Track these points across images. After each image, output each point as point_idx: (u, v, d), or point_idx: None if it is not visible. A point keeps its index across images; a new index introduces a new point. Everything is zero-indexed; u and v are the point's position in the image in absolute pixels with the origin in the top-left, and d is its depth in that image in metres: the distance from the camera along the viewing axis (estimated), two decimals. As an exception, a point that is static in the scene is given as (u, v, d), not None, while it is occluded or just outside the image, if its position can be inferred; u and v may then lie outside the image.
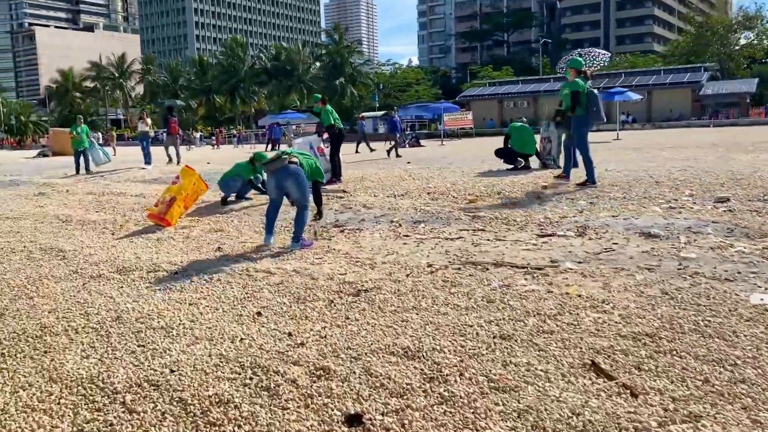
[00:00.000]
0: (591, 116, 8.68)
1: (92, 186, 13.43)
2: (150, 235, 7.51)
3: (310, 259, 5.68)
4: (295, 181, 6.11)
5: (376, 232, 6.55)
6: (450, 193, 8.41)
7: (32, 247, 7.28)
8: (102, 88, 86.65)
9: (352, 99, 69.27)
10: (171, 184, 8.09)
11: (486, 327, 3.70)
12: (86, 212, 9.67)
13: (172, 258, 6.19)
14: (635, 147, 18.11)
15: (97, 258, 6.39)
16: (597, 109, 8.53)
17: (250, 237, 6.96)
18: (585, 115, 8.61)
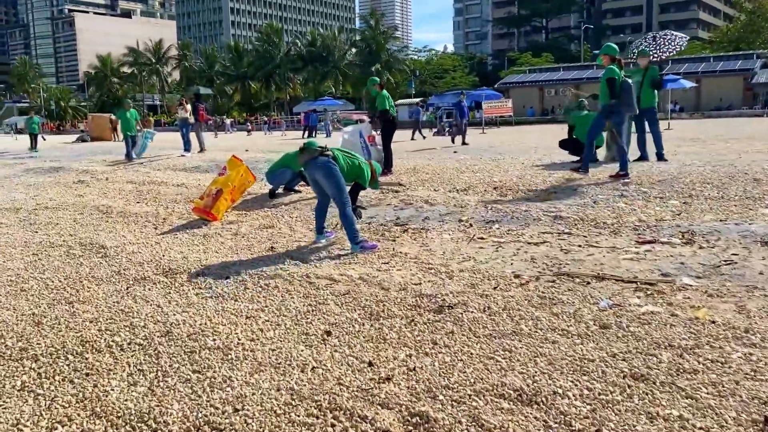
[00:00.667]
0: (624, 107, 8.17)
1: (132, 174, 13.03)
2: (195, 230, 7.00)
3: (375, 265, 5.08)
4: (325, 175, 5.52)
5: (444, 233, 5.91)
6: (519, 187, 7.72)
7: (72, 242, 6.82)
8: (139, 74, 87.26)
9: (389, 86, 68.30)
10: (217, 175, 7.56)
11: (611, 362, 3.04)
12: (127, 203, 9.23)
13: (221, 258, 5.65)
14: (693, 138, 17.07)
15: (140, 257, 5.89)
16: (629, 100, 8.07)
17: (304, 235, 6.38)
18: (617, 104, 8.13)
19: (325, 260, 5.33)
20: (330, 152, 5.67)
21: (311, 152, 5.61)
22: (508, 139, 20.68)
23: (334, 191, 5.52)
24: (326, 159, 5.56)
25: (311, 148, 5.66)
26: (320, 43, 74.00)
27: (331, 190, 5.53)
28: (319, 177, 5.55)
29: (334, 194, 5.53)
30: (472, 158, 12.46)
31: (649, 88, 9.94)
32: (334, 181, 5.50)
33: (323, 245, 5.91)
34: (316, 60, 72.83)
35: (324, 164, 5.52)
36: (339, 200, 5.52)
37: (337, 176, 5.52)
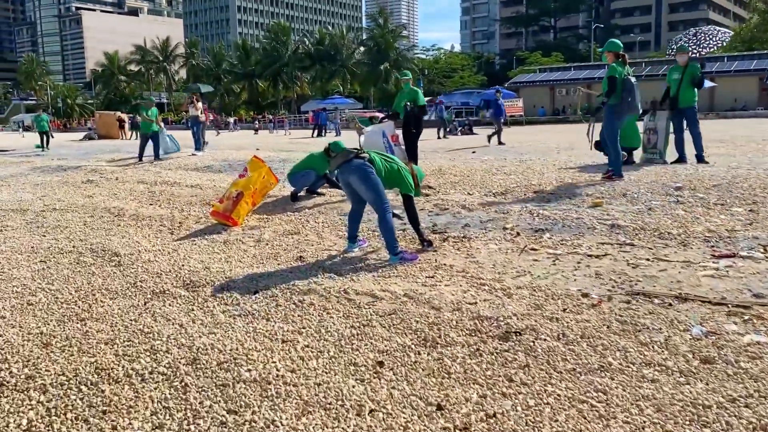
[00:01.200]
0: (624, 107, 7.76)
1: (143, 174, 12.57)
2: (215, 236, 6.51)
3: (419, 279, 4.58)
4: (361, 179, 5.03)
5: (490, 243, 5.41)
6: (561, 192, 7.20)
7: (82, 248, 6.35)
8: (146, 72, 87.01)
9: (397, 85, 67.79)
10: (237, 177, 7.07)
11: (732, 410, 2.54)
12: (139, 205, 8.75)
13: (246, 269, 5.17)
14: (719, 139, 16.50)
15: (157, 266, 5.41)
16: (632, 100, 7.65)
17: (333, 243, 5.89)
18: (618, 104, 7.76)
19: (361, 272, 4.83)
20: (366, 154, 5.18)
21: (345, 154, 5.13)
22: (525, 140, 20.13)
23: (372, 196, 5.02)
24: (362, 161, 5.07)
25: (345, 150, 5.19)
26: (328, 42, 73.53)
27: (368, 195, 5.04)
28: (354, 181, 5.07)
29: (372, 199, 5.04)
30: (496, 159, 11.95)
31: (689, 86, 9.42)
32: (371, 185, 5.00)
33: (356, 254, 5.42)
34: (324, 58, 72.37)
35: (360, 167, 5.03)
36: (378, 206, 5.03)
37: (374, 180, 5.03)
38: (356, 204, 5.38)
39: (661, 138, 9.56)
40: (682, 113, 9.52)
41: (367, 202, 5.24)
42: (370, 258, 5.30)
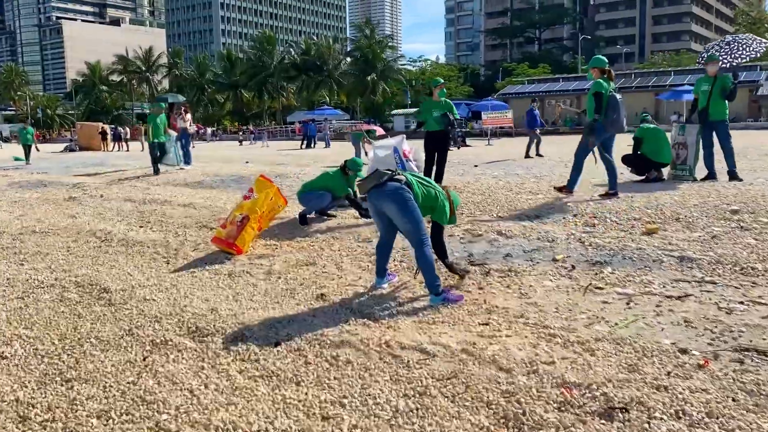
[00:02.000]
0: (608, 124, 7.43)
1: (129, 190, 11.76)
2: (218, 266, 5.76)
3: (471, 326, 3.87)
4: (399, 206, 4.32)
5: (543, 278, 4.71)
6: (602, 214, 6.52)
7: (66, 281, 5.57)
8: (128, 82, 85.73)
9: (384, 95, 67.38)
10: (243, 199, 6.32)
11: None
12: (128, 227, 7.96)
13: (260, 311, 4.42)
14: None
15: (155, 307, 4.64)
16: (617, 117, 7.34)
17: (357, 276, 5.16)
18: (602, 120, 7.46)
19: (399, 317, 4.11)
20: (402, 176, 4.48)
21: (377, 176, 4.42)
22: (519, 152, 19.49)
23: (409, 226, 4.31)
24: (399, 185, 4.37)
25: (378, 171, 4.47)
26: (314, 52, 72.87)
27: (405, 225, 4.33)
28: (388, 208, 4.36)
29: (409, 230, 4.33)
30: (507, 174, 11.31)
31: (720, 98, 8.85)
32: (409, 213, 4.30)
33: (386, 291, 4.70)
34: (310, 69, 71.67)
35: (397, 192, 4.33)
36: (416, 237, 4.32)
37: (413, 207, 4.32)
38: (386, 233, 4.67)
39: (691, 153, 8.97)
40: (712, 127, 8.94)
41: (401, 231, 4.53)
42: (403, 295, 4.59)
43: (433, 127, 9.04)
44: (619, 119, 7.40)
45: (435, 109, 9.05)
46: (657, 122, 9.70)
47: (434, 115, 9.00)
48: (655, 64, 68.07)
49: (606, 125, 7.48)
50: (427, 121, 9.06)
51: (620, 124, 7.44)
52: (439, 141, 9.05)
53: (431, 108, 9.10)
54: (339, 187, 7.28)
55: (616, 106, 7.40)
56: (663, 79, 50.31)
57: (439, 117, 8.92)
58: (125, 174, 15.52)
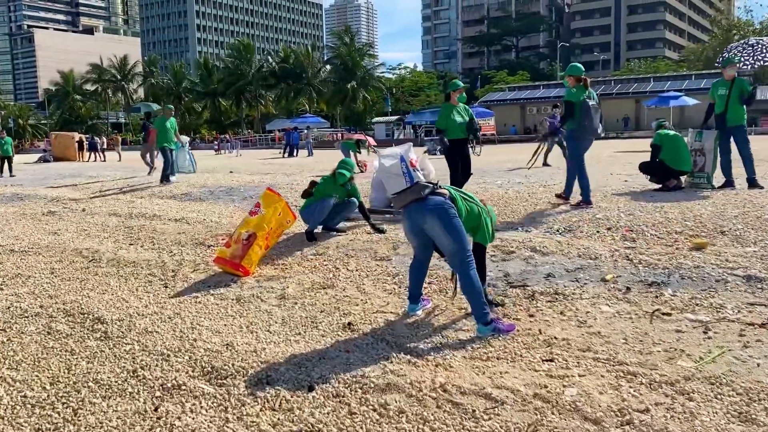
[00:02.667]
0: (581, 131, 7.41)
1: (113, 204, 11.10)
2: (223, 290, 5.19)
3: (534, 362, 3.38)
4: (441, 222, 3.82)
5: (598, 303, 4.23)
6: (643, 228, 6.07)
7: (54, 309, 4.97)
8: (103, 91, 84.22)
9: (365, 103, 66.93)
10: (249, 215, 5.76)
11: None
12: (117, 245, 7.35)
13: (282, 344, 3.89)
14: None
15: (160, 341, 4.08)
16: (589, 123, 7.28)
17: (384, 300, 4.64)
18: (576, 128, 7.43)
19: (446, 351, 3.60)
20: (445, 190, 3.98)
21: (418, 189, 3.91)
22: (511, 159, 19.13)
23: (454, 246, 3.81)
24: (443, 200, 3.87)
25: (419, 184, 3.97)
26: (293, 60, 72.18)
27: (449, 245, 3.82)
28: (431, 225, 3.85)
29: (453, 250, 3.82)
30: (510, 183, 10.87)
31: (738, 103, 8.50)
32: (455, 232, 3.80)
33: (421, 318, 4.19)
34: (289, 77, 70.94)
35: (441, 207, 3.83)
36: (461, 259, 3.82)
37: (459, 225, 3.83)
38: (422, 253, 4.16)
39: (708, 160, 8.61)
40: (730, 132, 8.59)
41: (441, 252, 4.03)
42: (442, 324, 4.08)
43: (456, 134, 8.29)
44: (591, 125, 7.35)
45: (456, 114, 8.28)
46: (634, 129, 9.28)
47: (457, 121, 8.25)
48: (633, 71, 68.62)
49: (581, 132, 7.46)
50: (447, 129, 8.31)
51: (594, 130, 7.37)
52: (462, 149, 8.37)
53: (451, 114, 8.28)
54: (332, 191, 6.74)
55: (588, 112, 7.34)
56: (643, 86, 50.61)
57: (463, 123, 8.26)
58: (105, 186, 14.81)
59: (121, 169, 20.53)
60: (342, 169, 6.84)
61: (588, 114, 7.35)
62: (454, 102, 8.35)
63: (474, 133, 8.46)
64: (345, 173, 6.81)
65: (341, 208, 6.84)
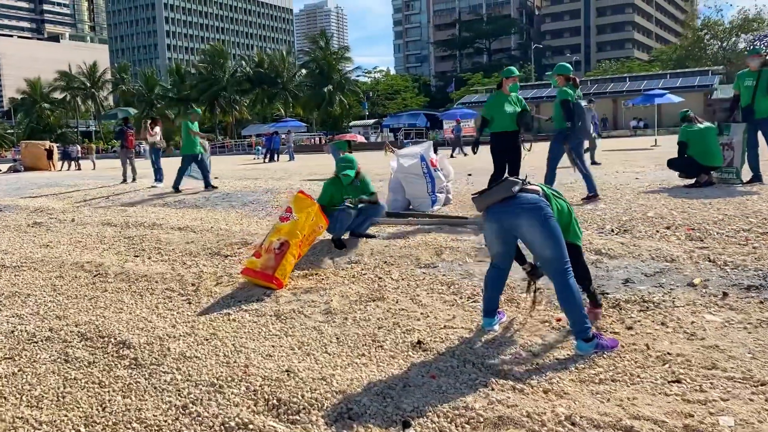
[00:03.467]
0: (576, 131, 7.34)
1: (103, 213, 10.42)
2: (256, 305, 4.65)
3: (656, 383, 2.92)
4: (539, 224, 3.35)
5: (695, 310, 3.79)
6: (705, 226, 5.65)
7: (66, 332, 4.39)
8: (72, 99, 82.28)
9: (342, 107, 66.30)
10: (280, 221, 5.21)
11: None
12: (121, 257, 6.74)
13: (349, 369, 3.38)
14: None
15: (204, 368, 3.53)
16: (582, 123, 7.27)
17: (447, 314, 4.14)
18: (568, 129, 7.35)
19: (548, 373, 3.13)
20: (537, 187, 3.51)
21: (507, 185, 3.43)
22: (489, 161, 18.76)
23: (552, 251, 3.33)
24: (537, 197, 3.40)
25: (509, 180, 3.48)
26: (268, 65, 71.26)
27: (546, 250, 3.35)
28: (526, 228, 3.36)
29: (551, 256, 3.35)
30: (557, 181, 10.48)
31: (766, 94, 8.19)
32: (554, 236, 3.33)
33: (500, 335, 3.71)
34: (264, 81, 69.97)
35: (537, 207, 3.35)
36: (559, 266, 3.35)
37: (556, 227, 3.36)
38: (503, 261, 3.68)
39: (737, 154, 8.29)
40: (757, 125, 8.28)
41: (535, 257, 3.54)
42: (526, 339, 3.60)
43: (505, 126, 7.33)
44: (584, 125, 7.35)
45: (506, 105, 7.35)
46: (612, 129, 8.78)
47: (507, 111, 7.30)
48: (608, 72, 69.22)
49: (573, 132, 7.39)
50: (494, 120, 7.37)
51: (586, 130, 7.43)
52: (511, 143, 7.40)
53: (502, 104, 7.34)
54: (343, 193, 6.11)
55: (582, 113, 7.32)
56: (620, 85, 50.95)
57: (514, 114, 7.32)
58: (89, 194, 14.06)
59: (99, 178, 19.68)
60: (345, 170, 6.18)
61: (581, 115, 7.26)
62: (506, 91, 7.45)
63: (526, 127, 7.55)
64: (349, 173, 6.15)
65: (370, 212, 6.30)
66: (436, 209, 7.78)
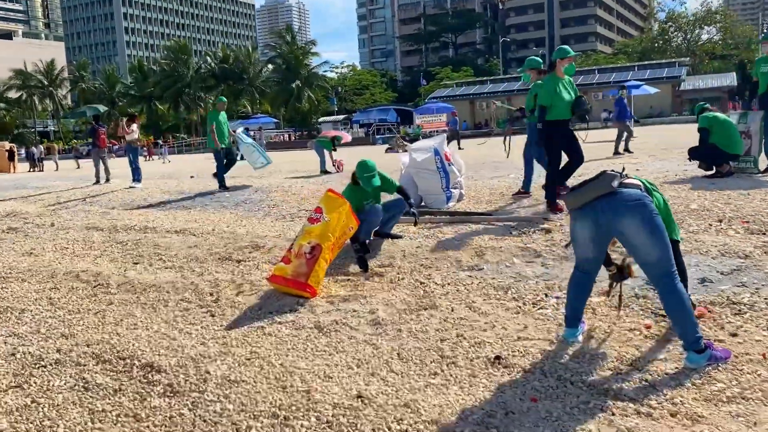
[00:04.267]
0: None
1: (85, 216, 9.75)
2: (291, 317, 4.18)
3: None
4: (645, 223, 2.96)
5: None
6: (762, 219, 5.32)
7: (77, 354, 3.87)
8: (29, 98, 79.55)
9: (310, 103, 65.43)
10: (309, 222, 4.73)
11: None
12: (119, 265, 6.17)
13: (429, 393, 2.95)
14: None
15: (258, 395, 3.07)
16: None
17: (517, 323, 3.73)
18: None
19: (666, 392, 2.75)
20: (638, 181, 3.12)
21: (608, 180, 3.02)
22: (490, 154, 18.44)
23: (658, 253, 2.95)
24: (640, 193, 3.01)
25: (608, 174, 3.08)
26: (233, 60, 69.93)
27: (651, 252, 2.95)
28: (630, 228, 2.95)
29: (657, 258, 2.96)
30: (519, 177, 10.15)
31: (782, 81, 7.98)
32: (660, 235, 2.95)
33: (585, 346, 3.32)
34: (229, 78, 68.69)
35: (642, 204, 2.96)
36: (665, 269, 2.97)
37: (662, 226, 2.98)
38: (593, 265, 3.28)
39: (755, 143, 8.07)
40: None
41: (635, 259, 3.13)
42: (618, 350, 3.22)
43: (562, 114, 6.42)
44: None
45: (563, 90, 6.39)
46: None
47: (565, 98, 6.37)
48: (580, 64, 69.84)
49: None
50: (553, 107, 6.38)
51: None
52: (567, 132, 6.54)
53: (558, 89, 6.34)
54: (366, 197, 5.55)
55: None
56: (590, 78, 51.32)
57: (570, 101, 6.41)
58: (61, 196, 13.29)
59: (67, 179, 18.75)
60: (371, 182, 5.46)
61: None
62: (560, 74, 6.48)
63: (584, 115, 6.86)
64: (375, 183, 5.48)
65: (393, 210, 5.81)
66: (451, 206, 7.38)
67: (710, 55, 66.03)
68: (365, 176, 5.46)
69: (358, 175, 5.51)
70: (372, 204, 5.58)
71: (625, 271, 3.56)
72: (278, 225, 7.50)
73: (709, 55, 65.89)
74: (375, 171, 5.55)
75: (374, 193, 5.67)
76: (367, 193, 5.59)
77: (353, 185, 5.60)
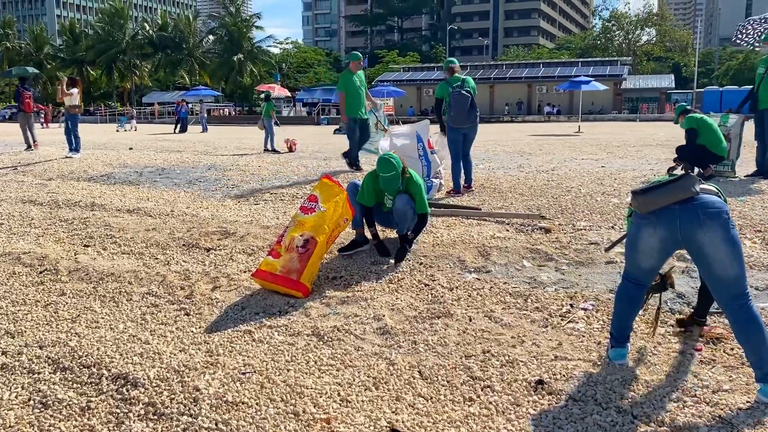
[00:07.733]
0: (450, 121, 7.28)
1: (18, 187, 8.82)
2: (283, 320, 3.66)
3: None
4: (724, 235, 2.60)
5: None
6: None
7: (29, 358, 3.28)
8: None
9: (252, 77, 63.48)
10: (301, 212, 4.18)
11: None
12: (67, 248, 5.45)
13: (471, 425, 2.52)
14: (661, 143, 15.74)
15: (267, 422, 2.57)
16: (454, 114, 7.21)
17: (550, 339, 3.33)
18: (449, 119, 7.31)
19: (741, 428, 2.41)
20: (712, 187, 2.76)
21: (689, 183, 2.63)
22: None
23: (735, 270, 2.60)
24: (719, 200, 2.65)
25: (689, 178, 2.68)
26: (172, 28, 67.07)
27: (729, 267, 2.59)
28: (710, 239, 2.57)
29: (733, 275, 2.60)
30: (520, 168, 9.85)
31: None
32: (737, 249, 2.60)
33: (632, 369, 2.96)
34: (167, 46, 65.87)
35: (721, 212, 2.60)
36: (741, 288, 2.63)
37: (738, 240, 2.62)
38: (647, 276, 2.91)
39: (734, 146, 7.97)
40: (762, 116, 7.90)
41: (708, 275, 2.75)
42: (674, 377, 2.87)
43: None
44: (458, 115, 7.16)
45: None
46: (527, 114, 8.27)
47: None
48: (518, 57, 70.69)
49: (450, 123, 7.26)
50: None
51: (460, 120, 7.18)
52: None
53: None
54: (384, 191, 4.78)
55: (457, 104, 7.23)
56: (535, 71, 51.90)
57: None
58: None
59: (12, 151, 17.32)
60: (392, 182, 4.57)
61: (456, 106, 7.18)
62: None
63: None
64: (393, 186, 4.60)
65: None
66: (432, 196, 6.95)
67: (648, 56, 68.09)
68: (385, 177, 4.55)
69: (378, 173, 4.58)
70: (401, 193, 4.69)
71: (667, 281, 3.23)
72: (245, 208, 6.89)
73: (647, 56, 67.94)
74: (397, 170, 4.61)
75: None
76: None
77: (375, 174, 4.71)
